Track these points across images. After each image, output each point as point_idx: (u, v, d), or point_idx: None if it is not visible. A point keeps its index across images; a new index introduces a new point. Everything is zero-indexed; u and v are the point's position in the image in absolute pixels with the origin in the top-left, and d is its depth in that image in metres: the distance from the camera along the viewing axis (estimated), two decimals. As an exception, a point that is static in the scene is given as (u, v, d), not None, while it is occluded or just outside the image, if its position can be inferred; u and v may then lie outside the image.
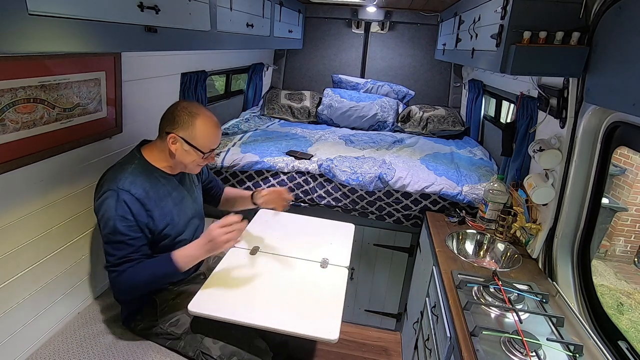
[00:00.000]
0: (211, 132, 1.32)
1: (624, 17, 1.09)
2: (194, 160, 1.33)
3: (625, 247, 4.23)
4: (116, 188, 1.21)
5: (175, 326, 1.37)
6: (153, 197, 1.29)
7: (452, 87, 3.44)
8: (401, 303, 2.37)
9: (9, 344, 1.24)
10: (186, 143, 1.29)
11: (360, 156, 2.32)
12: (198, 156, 1.32)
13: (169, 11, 1.20)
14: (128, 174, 1.25)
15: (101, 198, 1.22)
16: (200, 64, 2.30)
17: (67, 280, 1.47)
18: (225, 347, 1.34)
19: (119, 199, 1.20)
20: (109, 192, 1.21)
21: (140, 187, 1.25)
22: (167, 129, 1.29)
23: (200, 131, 1.29)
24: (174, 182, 1.39)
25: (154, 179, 1.32)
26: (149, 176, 1.30)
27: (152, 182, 1.30)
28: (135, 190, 1.23)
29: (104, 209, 1.20)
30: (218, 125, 1.35)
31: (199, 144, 1.30)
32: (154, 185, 1.30)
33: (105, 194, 1.21)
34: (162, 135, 1.31)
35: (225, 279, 1.37)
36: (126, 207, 1.20)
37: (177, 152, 1.30)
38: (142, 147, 1.37)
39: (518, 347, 1.09)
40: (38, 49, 0.78)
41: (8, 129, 1.14)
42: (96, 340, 1.38)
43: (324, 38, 3.55)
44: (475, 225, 1.89)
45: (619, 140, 1.27)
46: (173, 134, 1.28)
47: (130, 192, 1.22)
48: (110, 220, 1.19)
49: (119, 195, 1.20)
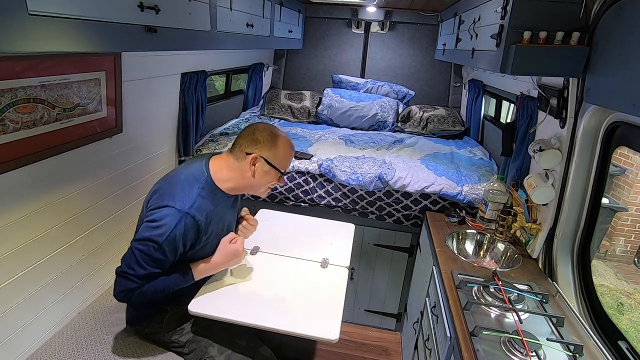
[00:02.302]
0: (290, 152, 1.33)
1: (624, 17, 1.09)
2: (270, 181, 1.31)
3: (625, 247, 4.23)
4: (182, 209, 1.16)
5: (180, 334, 1.36)
6: (210, 221, 1.25)
7: (452, 87, 3.44)
8: (401, 303, 2.37)
9: (9, 344, 1.24)
10: (267, 163, 1.26)
11: (360, 156, 2.32)
12: (275, 177, 1.30)
13: (169, 11, 1.20)
14: (196, 196, 1.20)
15: (163, 210, 1.16)
16: (200, 64, 2.30)
17: (67, 280, 1.47)
18: (231, 357, 1.34)
19: (181, 222, 1.15)
20: (173, 210, 1.15)
21: (204, 212, 1.21)
22: (248, 149, 1.25)
23: (281, 151, 1.28)
24: (229, 203, 1.35)
25: (216, 201, 1.27)
26: (213, 198, 1.26)
27: (214, 205, 1.26)
28: (199, 217, 1.19)
29: (162, 223, 1.14)
30: (293, 146, 1.36)
31: (279, 164, 1.29)
32: (215, 208, 1.27)
33: (167, 209, 1.16)
34: (240, 155, 1.26)
35: (225, 279, 1.37)
36: (182, 233, 1.16)
37: (257, 173, 1.27)
38: (210, 161, 1.30)
39: (518, 347, 1.09)
40: (38, 49, 0.78)
41: (8, 129, 1.14)
42: (96, 341, 1.38)
43: (324, 38, 3.55)
44: (475, 225, 1.89)
45: (619, 140, 1.27)
46: (255, 154, 1.25)
47: (195, 218, 1.18)
48: (162, 237, 1.13)
49: (182, 218, 1.15)
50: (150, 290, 1.18)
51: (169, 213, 1.15)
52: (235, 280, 1.37)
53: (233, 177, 1.29)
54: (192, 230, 1.19)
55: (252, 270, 1.42)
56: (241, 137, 1.29)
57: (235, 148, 1.29)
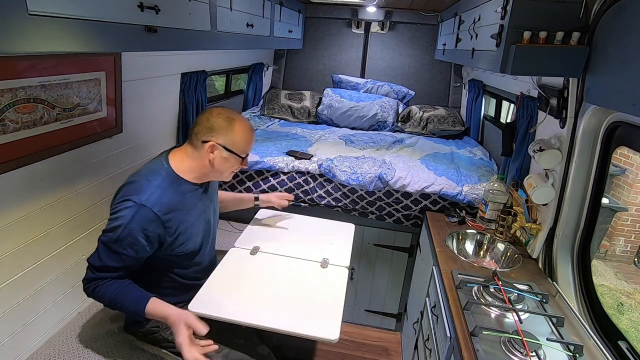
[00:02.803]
0: (249, 135, 1.29)
1: (624, 17, 1.09)
2: (231, 166, 1.29)
3: (625, 247, 4.23)
4: (138, 202, 1.14)
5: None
6: (177, 212, 1.22)
7: (452, 87, 3.44)
8: (401, 303, 2.37)
9: (9, 344, 1.24)
10: (226, 150, 1.24)
11: (360, 156, 2.32)
12: (237, 162, 1.29)
13: (169, 11, 1.20)
14: (155, 188, 1.17)
15: (122, 204, 1.15)
16: (200, 64, 2.30)
17: (67, 280, 1.47)
18: (228, 355, 1.34)
19: (137, 214, 1.13)
20: (130, 203, 1.13)
21: (166, 204, 1.18)
22: (203, 137, 1.23)
23: (239, 136, 1.25)
24: (199, 192, 1.32)
25: (181, 192, 1.24)
26: (176, 190, 1.23)
27: (179, 196, 1.23)
28: (159, 208, 1.16)
29: (118, 216, 1.14)
30: (252, 128, 1.32)
31: (238, 149, 1.26)
32: (181, 198, 1.24)
33: (125, 203, 1.14)
34: (197, 144, 1.24)
35: (225, 278, 1.36)
36: (141, 225, 1.14)
37: (216, 161, 1.25)
38: (170, 154, 1.29)
39: (518, 347, 1.09)
40: (38, 49, 0.78)
41: (8, 129, 1.14)
42: (96, 341, 1.38)
43: (324, 38, 3.55)
44: (475, 225, 1.89)
45: (619, 140, 1.27)
46: (212, 141, 1.22)
47: (153, 209, 1.15)
48: (119, 229, 1.13)
49: (138, 210, 1.13)
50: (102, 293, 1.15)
51: (126, 206, 1.14)
52: (236, 281, 1.36)
53: (194, 166, 1.27)
54: (153, 223, 1.15)
55: (253, 270, 1.42)
56: (197, 124, 1.26)
57: (192, 136, 1.26)
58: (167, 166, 1.25)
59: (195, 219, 1.31)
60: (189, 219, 1.28)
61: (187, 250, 1.30)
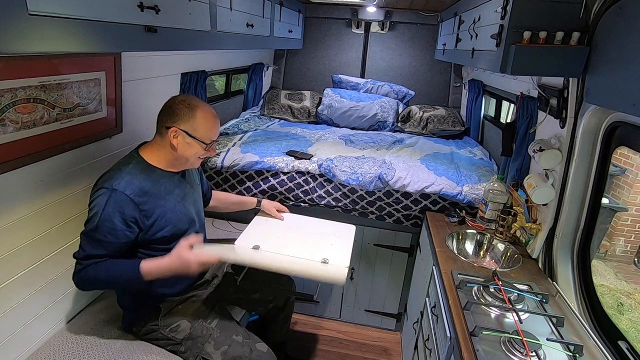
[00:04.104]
0: (211, 122, 1.32)
1: (624, 17, 1.09)
2: (195, 152, 1.32)
3: (625, 247, 4.22)
4: (110, 187, 1.18)
5: (175, 332, 1.37)
6: (152, 197, 1.26)
7: (452, 87, 3.44)
8: (401, 303, 2.37)
9: (9, 344, 1.24)
10: (188, 136, 1.28)
11: (360, 156, 2.32)
12: (200, 148, 1.31)
13: (169, 11, 1.20)
14: (125, 174, 1.22)
15: (94, 195, 1.20)
16: (200, 64, 2.30)
17: (68, 280, 1.46)
18: (227, 353, 1.34)
19: (110, 199, 1.17)
20: (103, 190, 1.18)
21: (137, 187, 1.22)
22: (167, 123, 1.28)
23: (200, 122, 1.29)
24: (176, 178, 1.37)
25: (154, 178, 1.29)
26: (149, 175, 1.28)
27: (152, 182, 1.28)
28: (130, 191, 1.20)
29: (94, 205, 1.19)
30: (217, 116, 1.36)
31: (201, 136, 1.30)
32: (154, 184, 1.28)
33: (98, 192, 1.19)
34: (162, 131, 1.29)
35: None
36: (115, 209, 1.18)
37: (179, 146, 1.28)
38: (140, 147, 1.35)
39: (518, 347, 1.09)
40: (38, 49, 0.78)
41: (8, 129, 1.14)
42: (96, 341, 1.38)
43: (324, 38, 3.55)
44: (475, 225, 1.89)
45: (619, 140, 1.27)
46: (174, 127, 1.26)
47: (125, 192, 1.19)
48: (96, 217, 1.17)
49: (111, 195, 1.18)
50: (93, 276, 1.19)
51: (99, 194, 1.19)
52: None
53: (162, 154, 1.32)
54: (127, 205, 1.19)
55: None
56: (161, 112, 1.31)
57: (158, 124, 1.31)
58: (137, 156, 1.30)
59: (173, 204, 1.33)
60: (166, 204, 1.31)
61: (170, 234, 1.32)
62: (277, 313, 1.78)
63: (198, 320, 1.40)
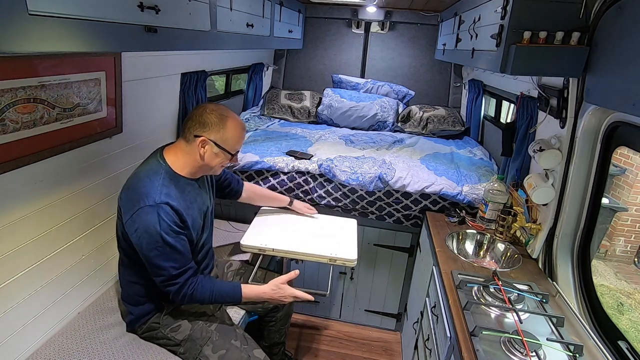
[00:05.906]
0: (240, 134, 1.33)
1: (624, 17, 1.09)
2: (221, 162, 1.32)
3: (625, 247, 4.22)
4: (154, 203, 1.16)
5: (176, 332, 1.37)
6: (184, 207, 1.25)
7: (452, 87, 3.44)
8: (401, 303, 2.37)
9: (9, 343, 1.24)
10: (216, 146, 1.27)
11: (360, 156, 2.32)
12: (226, 158, 1.32)
13: (169, 11, 1.20)
14: (160, 186, 1.20)
15: (136, 215, 1.17)
16: (200, 64, 2.30)
17: (67, 280, 1.47)
18: (224, 357, 1.34)
19: (160, 215, 1.16)
20: (147, 209, 1.16)
21: (175, 198, 1.22)
22: (196, 132, 1.26)
23: (230, 134, 1.28)
24: (196, 187, 1.36)
25: (181, 187, 1.28)
26: (177, 185, 1.27)
27: (180, 192, 1.27)
28: (173, 202, 1.20)
29: (145, 227, 1.16)
30: (245, 127, 1.36)
31: (229, 146, 1.29)
32: (182, 194, 1.27)
33: (140, 211, 1.16)
34: (189, 137, 1.27)
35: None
36: (169, 221, 1.18)
37: (206, 155, 1.27)
38: (164, 151, 1.32)
39: (518, 347, 1.09)
40: (38, 49, 0.78)
41: (8, 129, 1.14)
42: (96, 341, 1.38)
43: (324, 38, 3.54)
44: (475, 225, 1.89)
45: (619, 140, 1.27)
46: (204, 137, 1.25)
47: (169, 204, 1.18)
48: (156, 235, 1.16)
49: (159, 211, 1.16)
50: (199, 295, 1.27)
51: (145, 212, 1.16)
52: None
53: (187, 161, 1.30)
54: (175, 214, 1.21)
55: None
56: (190, 119, 1.29)
57: (185, 130, 1.29)
58: (165, 164, 1.28)
59: (197, 212, 1.35)
60: (192, 212, 1.32)
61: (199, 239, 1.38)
62: (277, 313, 1.78)
63: (198, 322, 1.40)
